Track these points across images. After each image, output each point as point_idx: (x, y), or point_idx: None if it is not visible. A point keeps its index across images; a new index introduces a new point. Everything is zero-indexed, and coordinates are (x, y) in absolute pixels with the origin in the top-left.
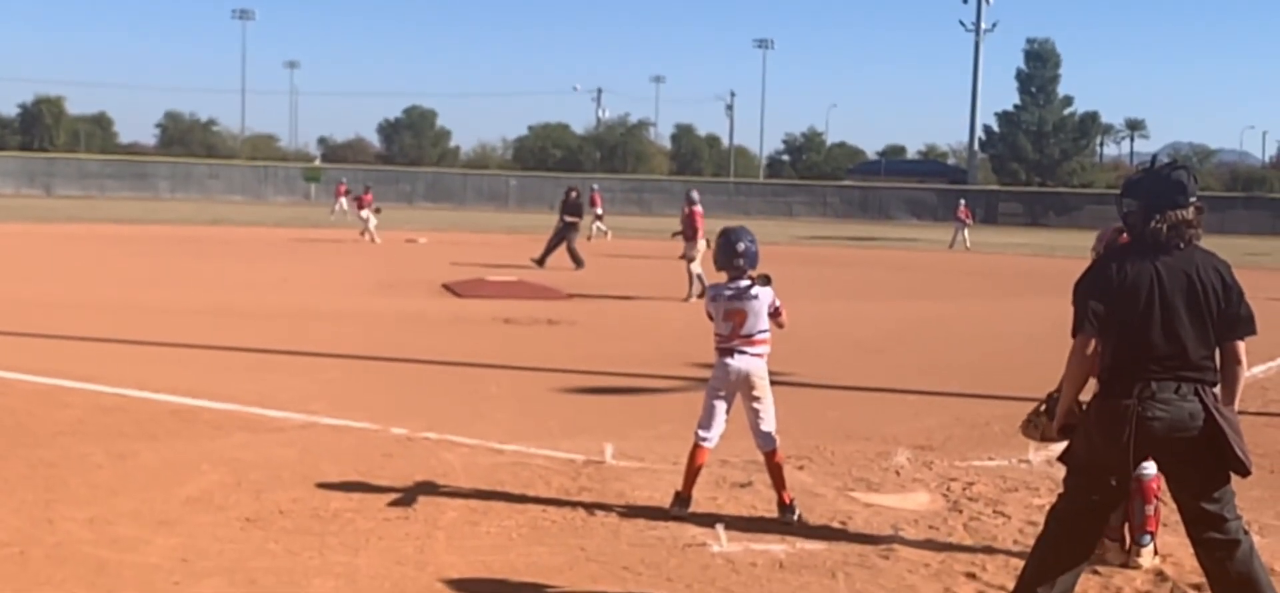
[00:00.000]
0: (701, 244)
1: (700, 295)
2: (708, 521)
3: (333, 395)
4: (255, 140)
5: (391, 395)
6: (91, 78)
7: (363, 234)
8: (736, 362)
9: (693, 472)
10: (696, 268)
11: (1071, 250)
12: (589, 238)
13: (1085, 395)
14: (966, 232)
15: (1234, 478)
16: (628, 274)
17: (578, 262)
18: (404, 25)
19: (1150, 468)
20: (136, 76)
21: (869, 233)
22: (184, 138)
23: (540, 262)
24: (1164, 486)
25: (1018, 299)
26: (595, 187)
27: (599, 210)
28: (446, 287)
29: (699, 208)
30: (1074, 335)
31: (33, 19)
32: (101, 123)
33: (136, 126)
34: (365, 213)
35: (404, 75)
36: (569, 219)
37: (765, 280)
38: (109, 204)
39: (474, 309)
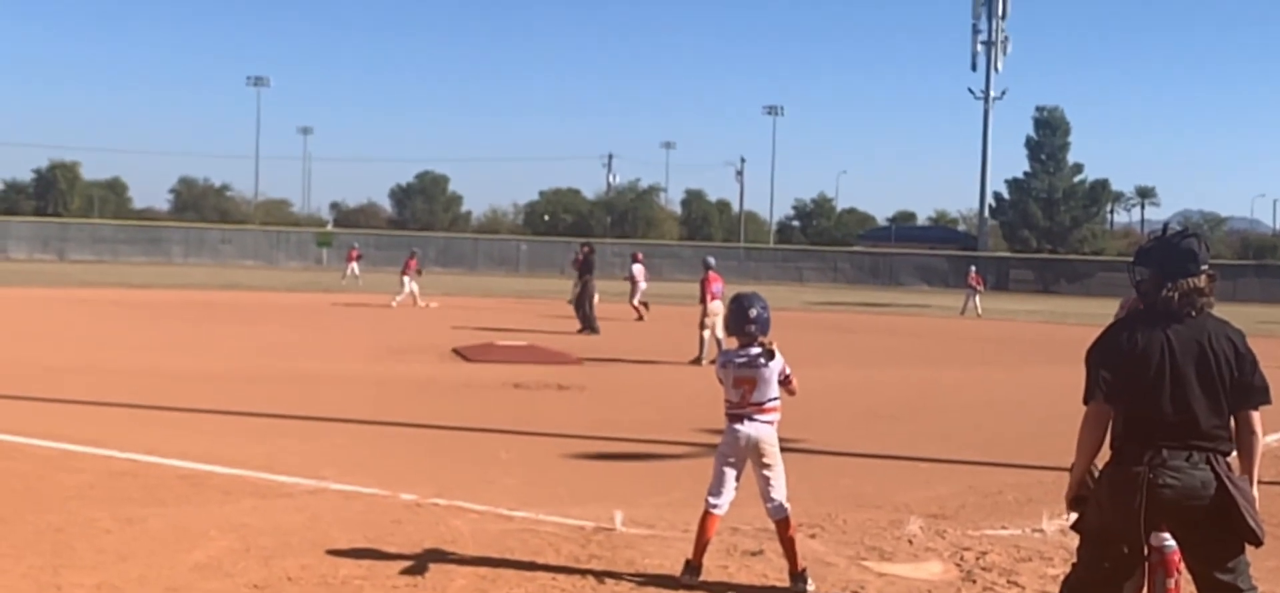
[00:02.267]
0: (716, 307)
1: (711, 361)
2: (719, 590)
3: (342, 461)
4: (268, 205)
5: (401, 461)
6: (106, 143)
7: (395, 300)
8: (747, 428)
9: (703, 540)
10: (719, 332)
11: (1083, 318)
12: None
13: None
14: (978, 298)
15: (1249, 548)
16: (638, 338)
17: (587, 323)
18: (416, 92)
19: (1171, 540)
20: (151, 142)
21: (880, 299)
22: (197, 203)
23: (590, 328)
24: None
25: (1030, 367)
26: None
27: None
28: (457, 351)
29: (714, 273)
30: (1085, 403)
31: (50, 84)
32: (116, 188)
33: (150, 192)
34: (407, 279)
35: (416, 141)
36: (589, 280)
37: (770, 354)
38: (122, 269)
39: (484, 374)
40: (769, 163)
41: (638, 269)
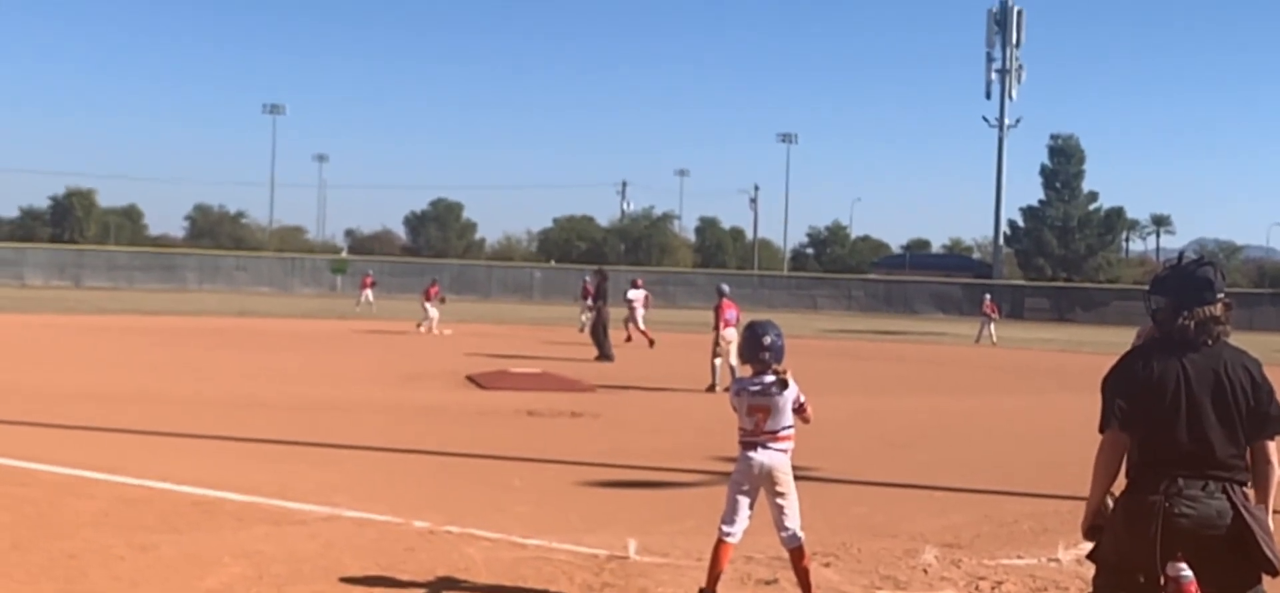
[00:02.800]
0: (730, 334)
1: (725, 388)
2: None
3: (355, 488)
4: (283, 232)
5: (414, 488)
6: (122, 170)
7: (420, 326)
8: (760, 456)
9: (717, 569)
10: (733, 360)
11: (1099, 346)
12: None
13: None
14: (993, 326)
15: (1266, 579)
16: (651, 366)
17: (601, 350)
18: (431, 119)
19: (1188, 570)
20: (167, 169)
21: (894, 327)
22: (212, 230)
23: (605, 355)
24: None
25: (1045, 395)
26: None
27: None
28: (470, 379)
29: (729, 300)
30: (1101, 431)
31: (66, 112)
32: (131, 215)
33: (166, 219)
34: (429, 305)
35: (431, 168)
36: (604, 307)
37: (783, 384)
38: (137, 296)
39: (497, 401)
40: (783, 190)
41: (636, 295)
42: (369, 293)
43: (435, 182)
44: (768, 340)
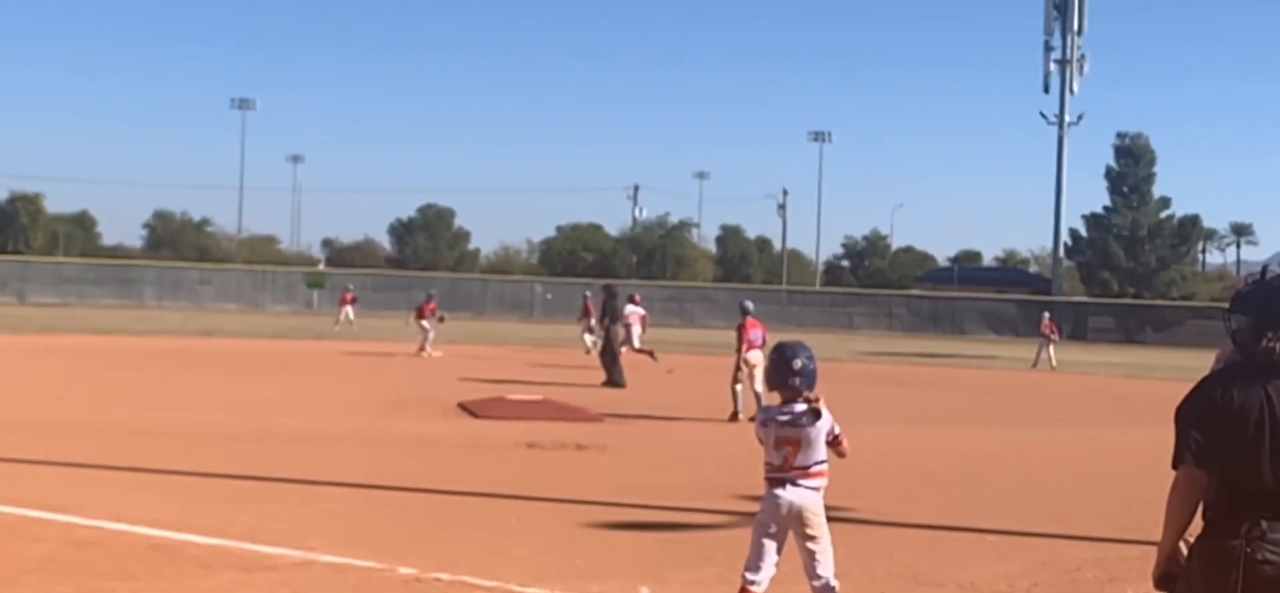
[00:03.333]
0: (754, 357)
1: (750, 417)
2: None
3: (333, 530)
4: (253, 242)
5: (399, 530)
6: (72, 173)
7: (421, 351)
8: (789, 494)
9: None
10: (758, 386)
11: (1171, 371)
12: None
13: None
14: (1052, 348)
15: None
16: (666, 392)
17: (612, 375)
18: (419, 116)
19: None
20: (122, 171)
21: (940, 349)
22: (174, 239)
23: (614, 381)
24: None
25: (1111, 427)
26: (588, 294)
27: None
28: (463, 406)
29: (753, 318)
30: (1174, 467)
31: (9, 108)
32: (83, 223)
33: (121, 227)
34: (426, 323)
35: (418, 171)
36: (614, 327)
37: (816, 414)
38: (89, 313)
39: (493, 432)
40: (815, 195)
41: (633, 312)
42: (349, 310)
43: (424, 185)
44: (798, 364)
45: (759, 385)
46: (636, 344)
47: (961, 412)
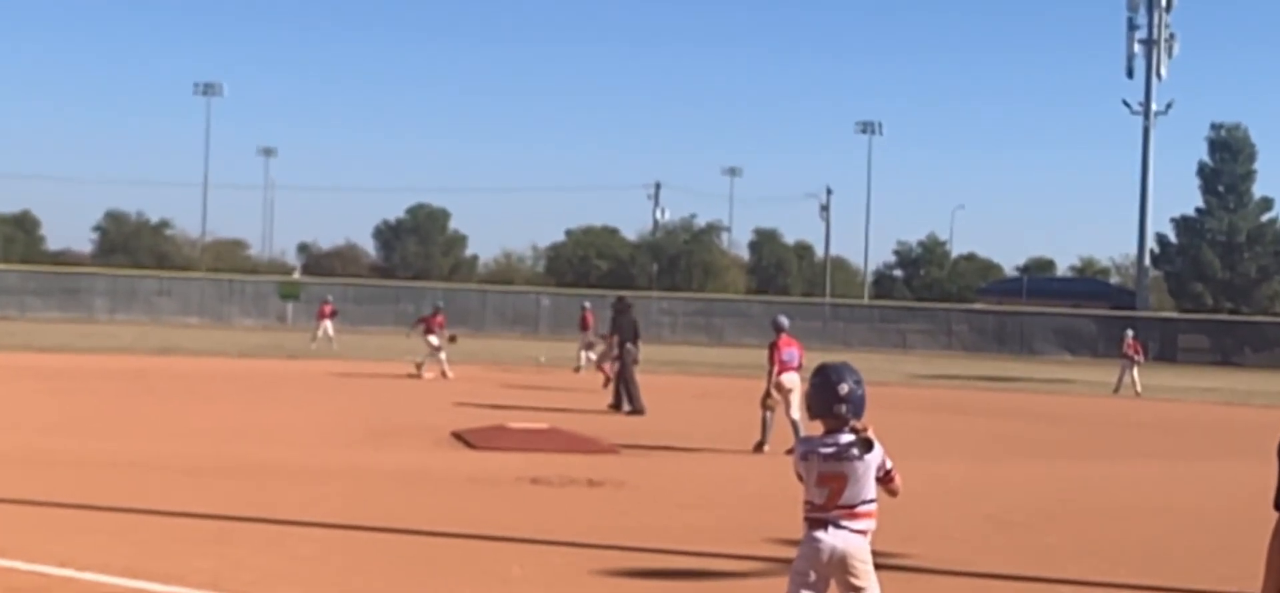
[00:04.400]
0: (790, 380)
1: (788, 451)
2: None
3: (307, 577)
4: (219, 247)
5: (383, 578)
6: (12, 168)
7: (419, 368)
8: (831, 538)
9: None
10: (795, 413)
11: (1273, 398)
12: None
13: None
14: (1136, 371)
15: None
16: (690, 419)
17: (633, 401)
18: (409, 104)
19: None
20: (70, 166)
21: (1007, 371)
22: (128, 244)
23: (631, 405)
24: None
25: (1204, 461)
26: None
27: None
28: (457, 435)
29: (788, 336)
30: (1276, 508)
31: None
32: (24, 224)
33: (69, 230)
34: (434, 339)
35: (408, 166)
36: (628, 347)
37: (868, 445)
38: (31, 327)
39: (492, 465)
40: (862, 195)
41: None
42: (328, 324)
43: (414, 182)
44: (844, 389)
45: (796, 413)
46: (598, 358)
47: (1032, 444)
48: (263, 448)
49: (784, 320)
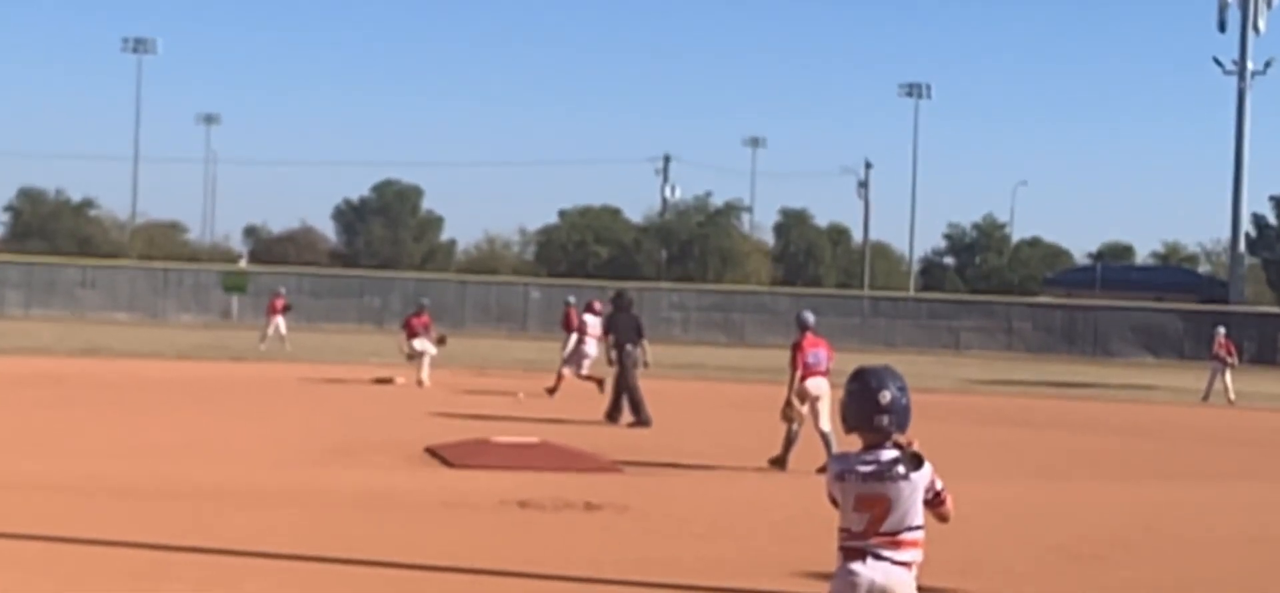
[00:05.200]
0: (817, 387)
1: (820, 469)
2: None
3: None
4: (151, 231)
5: None
6: None
7: (421, 374)
8: (870, 571)
9: None
10: (824, 424)
11: None
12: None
13: None
14: (1228, 375)
15: None
16: (705, 432)
17: (636, 411)
18: (375, 66)
19: None
20: None
21: (1078, 376)
22: (45, 227)
23: (636, 417)
24: None
25: None
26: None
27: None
28: (432, 451)
29: (814, 335)
30: None
31: None
32: None
33: None
34: (419, 343)
35: (374, 136)
36: (628, 347)
37: (917, 462)
38: None
39: (473, 486)
40: (907, 169)
41: (592, 323)
42: (280, 321)
43: (380, 155)
44: (886, 397)
45: (825, 424)
46: (585, 370)
47: (1106, 461)
48: (204, 467)
49: (809, 317)
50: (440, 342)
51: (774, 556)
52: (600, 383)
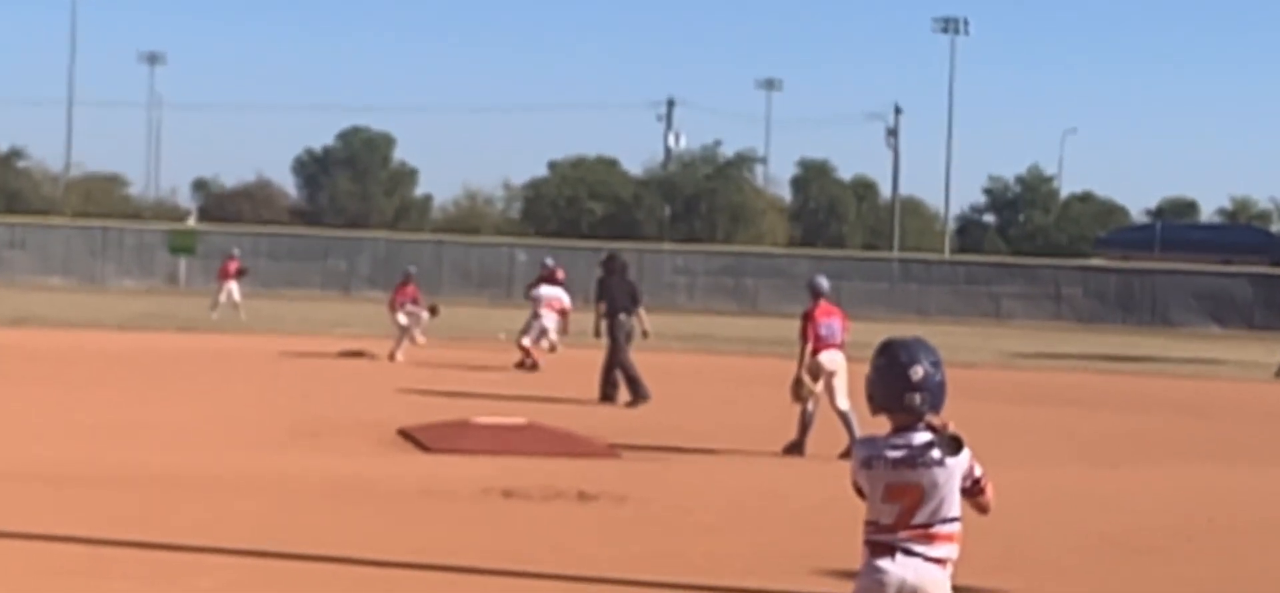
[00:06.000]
0: (831, 360)
1: (843, 454)
2: None
3: None
4: (89, 185)
5: None
6: None
7: (396, 349)
8: (900, 568)
9: None
10: (841, 402)
11: None
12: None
13: None
14: None
15: None
16: (713, 412)
17: (633, 387)
18: None
19: None
20: None
21: (1134, 348)
22: None
23: (633, 394)
24: None
25: None
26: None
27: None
28: (406, 434)
29: (828, 302)
30: None
31: None
32: None
33: None
34: (403, 317)
35: (339, 79)
36: (622, 317)
37: (955, 445)
38: None
39: (452, 472)
40: (942, 115)
41: (550, 296)
42: (234, 286)
43: (347, 99)
44: (918, 373)
45: (843, 402)
46: (551, 339)
47: (1165, 443)
48: (150, 451)
49: (823, 282)
50: (432, 312)
51: (791, 551)
52: (526, 363)
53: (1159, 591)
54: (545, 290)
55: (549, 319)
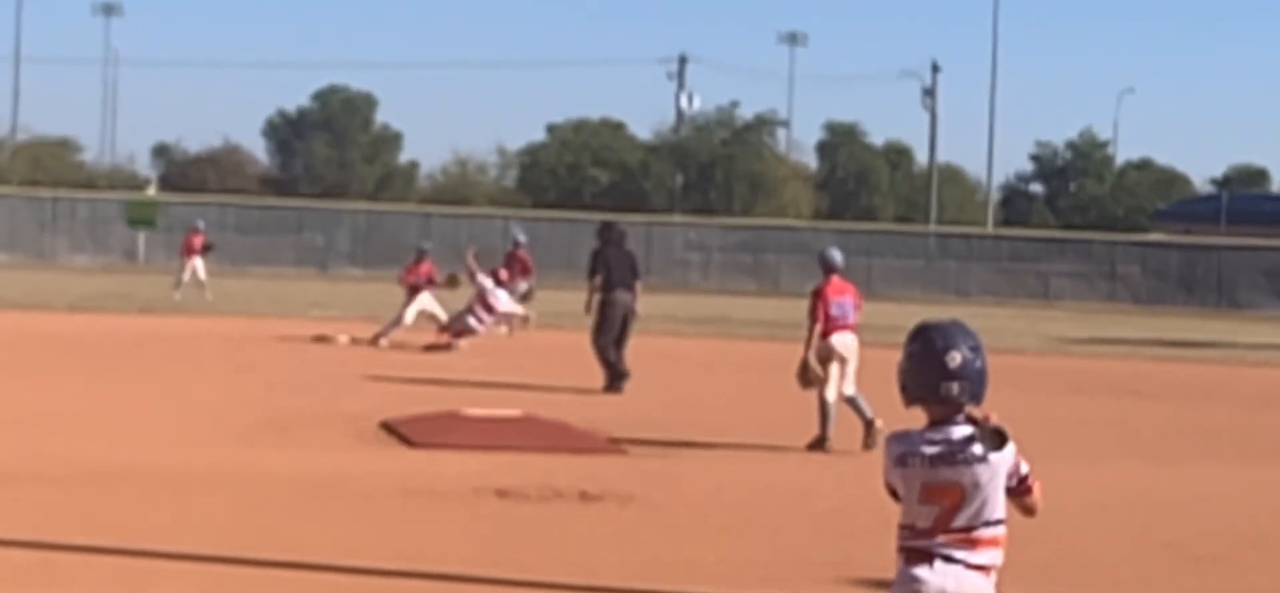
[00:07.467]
0: (843, 343)
1: (813, 444)
2: None
3: None
4: (37, 150)
5: None
6: None
7: (385, 334)
8: (939, 577)
9: None
10: (849, 387)
11: None
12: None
13: None
14: None
15: None
16: (729, 403)
17: (615, 372)
18: None
19: None
20: None
21: (1198, 332)
22: None
23: (615, 375)
24: None
25: None
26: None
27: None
28: (389, 427)
29: (841, 278)
30: None
31: None
32: None
33: None
34: (424, 302)
35: (316, 33)
36: (620, 293)
37: (999, 439)
38: None
39: (440, 470)
40: (985, 74)
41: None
42: (199, 263)
43: (324, 55)
44: (956, 360)
45: (849, 387)
46: (504, 309)
47: (1233, 439)
48: (105, 445)
49: (836, 255)
50: (451, 283)
51: (815, 556)
52: (442, 344)
53: None
54: (485, 283)
55: (480, 322)
